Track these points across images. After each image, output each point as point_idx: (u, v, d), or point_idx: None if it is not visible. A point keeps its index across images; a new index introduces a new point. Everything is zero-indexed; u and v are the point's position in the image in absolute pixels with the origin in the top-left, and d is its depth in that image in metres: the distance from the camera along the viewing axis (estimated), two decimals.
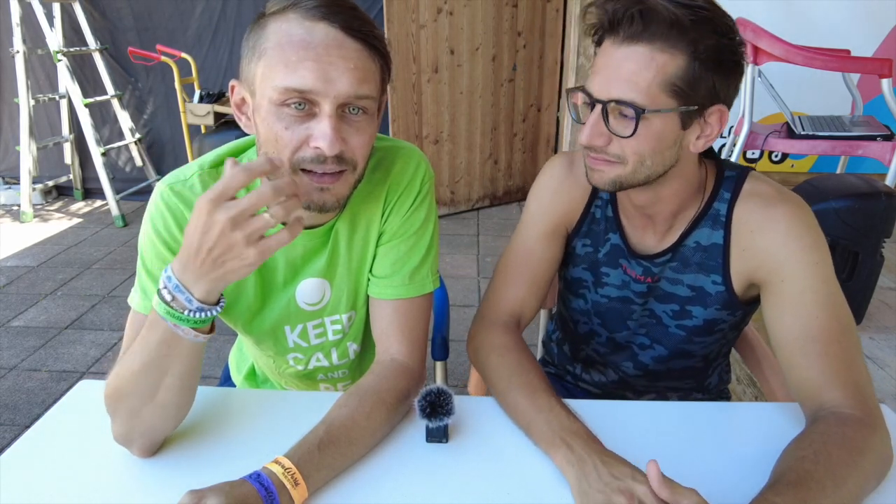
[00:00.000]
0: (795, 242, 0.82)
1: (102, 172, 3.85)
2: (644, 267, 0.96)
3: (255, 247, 0.64)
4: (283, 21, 0.72)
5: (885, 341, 1.95)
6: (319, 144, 0.72)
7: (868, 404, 0.75)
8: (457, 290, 2.95)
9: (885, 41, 3.37)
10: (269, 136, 0.74)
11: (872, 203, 1.90)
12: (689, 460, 0.77)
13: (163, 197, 0.83)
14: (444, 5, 3.50)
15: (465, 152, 3.94)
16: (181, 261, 0.66)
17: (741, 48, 0.78)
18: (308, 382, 1.08)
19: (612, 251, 0.99)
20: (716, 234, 0.90)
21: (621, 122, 0.78)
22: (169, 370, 0.71)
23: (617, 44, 0.76)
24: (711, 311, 0.94)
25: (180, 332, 0.68)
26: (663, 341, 1.01)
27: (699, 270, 0.92)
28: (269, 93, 0.72)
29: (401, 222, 0.90)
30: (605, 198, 0.99)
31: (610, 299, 1.02)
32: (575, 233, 1.02)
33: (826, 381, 0.77)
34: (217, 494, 0.62)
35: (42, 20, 3.65)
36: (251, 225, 0.63)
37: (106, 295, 2.97)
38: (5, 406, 2.13)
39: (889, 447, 0.74)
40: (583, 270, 1.04)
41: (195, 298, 0.67)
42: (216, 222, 0.62)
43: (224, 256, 0.64)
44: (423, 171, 0.91)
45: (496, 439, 0.81)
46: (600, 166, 0.83)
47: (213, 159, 0.86)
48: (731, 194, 0.89)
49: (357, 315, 0.98)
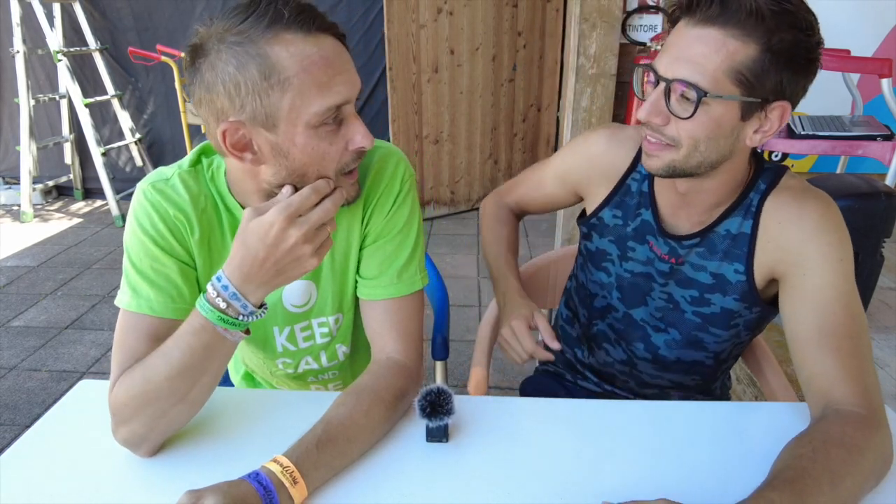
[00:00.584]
0: (822, 237, 0.83)
1: (102, 172, 3.86)
2: (671, 247, 0.97)
3: (317, 255, 0.72)
4: (287, 45, 0.69)
5: (885, 341, 1.95)
6: (364, 144, 0.76)
7: (873, 403, 0.76)
8: (457, 290, 2.95)
9: (885, 41, 3.36)
10: (314, 157, 0.74)
11: (872, 203, 1.90)
12: (689, 460, 0.77)
13: (147, 196, 0.83)
14: (444, 5, 3.50)
15: (465, 152, 3.94)
16: (243, 271, 0.70)
17: (819, 48, 0.77)
18: (299, 384, 1.09)
19: (642, 226, 1.00)
20: (746, 223, 0.90)
21: (682, 103, 0.79)
22: (207, 370, 0.74)
23: (692, 24, 0.76)
24: (730, 300, 0.94)
25: (229, 336, 0.72)
26: (678, 326, 1.01)
27: (724, 258, 0.93)
28: (307, 119, 0.71)
29: (384, 223, 0.90)
30: (644, 172, 0.99)
31: (633, 274, 1.02)
32: (606, 202, 1.03)
33: (836, 377, 0.78)
34: (216, 494, 0.62)
35: (42, 20, 3.65)
36: (318, 237, 0.71)
37: (106, 295, 2.98)
38: (5, 406, 2.13)
39: (890, 448, 0.74)
40: (608, 243, 1.04)
41: (250, 304, 0.71)
42: (290, 236, 0.69)
43: (289, 266, 0.71)
44: (402, 170, 0.91)
45: (496, 439, 0.81)
46: (655, 151, 0.84)
47: (190, 159, 0.87)
48: (766, 186, 0.89)
49: (344, 318, 0.99)
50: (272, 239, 0.68)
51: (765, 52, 0.74)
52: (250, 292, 0.71)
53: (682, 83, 0.76)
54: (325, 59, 0.71)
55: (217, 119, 0.72)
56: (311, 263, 0.72)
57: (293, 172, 0.75)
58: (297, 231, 0.69)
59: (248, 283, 0.70)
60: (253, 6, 0.69)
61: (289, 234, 0.69)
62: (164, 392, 0.73)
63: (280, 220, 0.68)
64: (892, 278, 2.38)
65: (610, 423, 0.83)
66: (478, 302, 2.86)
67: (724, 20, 0.74)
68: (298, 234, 0.69)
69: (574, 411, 0.87)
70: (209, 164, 0.87)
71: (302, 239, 0.69)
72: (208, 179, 0.86)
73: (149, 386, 0.73)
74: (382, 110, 3.73)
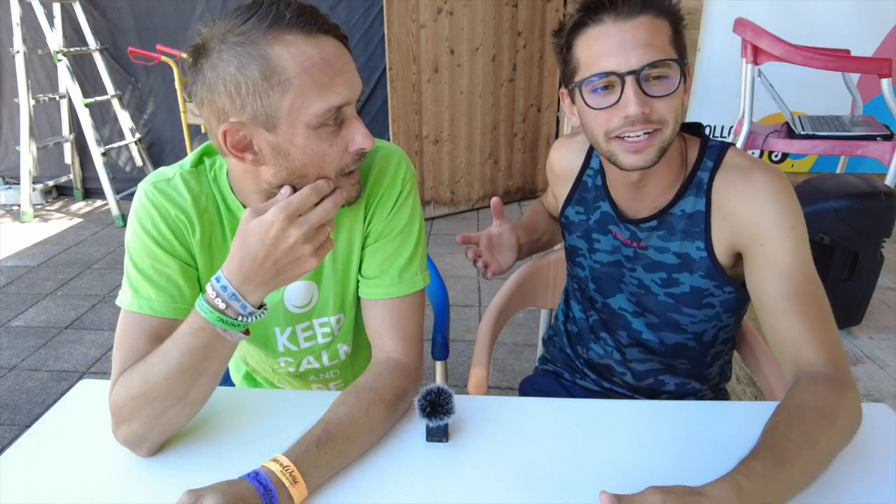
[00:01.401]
0: (773, 207, 0.86)
1: (102, 172, 3.86)
2: (631, 231, 1.01)
3: (317, 256, 0.71)
4: (288, 46, 0.69)
5: (885, 341, 1.95)
6: (364, 145, 0.76)
7: (840, 363, 0.79)
8: (457, 290, 2.95)
9: (885, 41, 3.37)
10: (315, 158, 0.74)
11: (872, 203, 1.90)
12: (689, 460, 0.77)
13: (148, 196, 0.83)
14: (444, 5, 3.50)
15: (465, 152, 3.94)
16: (241, 271, 0.70)
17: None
18: (300, 383, 1.09)
19: (603, 218, 1.06)
20: (699, 201, 0.94)
21: (659, 83, 0.84)
22: (206, 371, 0.74)
23: (620, 20, 0.82)
24: (697, 277, 0.97)
25: (228, 336, 0.72)
26: (654, 310, 1.04)
27: (685, 237, 0.96)
28: (307, 119, 0.71)
29: (385, 223, 0.90)
30: (596, 167, 1.07)
31: (602, 265, 1.08)
32: (568, 201, 1.12)
33: (805, 340, 0.81)
34: (215, 493, 0.62)
35: (42, 20, 3.65)
36: (318, 237, 0.71)
37: (106, 295, 2.98)
38: (5, 406, 2.13)
39: (859, 407, 0.77)
40: (577, 238, 1.11)
41: (249, 304, 0.71)
42: (290, 236, 0.68)
43: (288, 266, 0.70)
44: (403, 169, 0.91)
45: (496, 439, 0.81)
46: (644, 144, 0.85)
47: (192, 159, 0.87)
48: (713, 163, 0.93)
49: (346, 318, 0.99)
50: (272, 238, 0.68)
51: (675, 21, 0.85)
52: (249, 293, 0.71)
53: (655, 64, 0.82)
54: (326, 61, 0.71)
55: (218, 119, 0.72)
56: (310, 264, 0.71)
57: (293, 173, 0.75)
58: (297, 230, 0.69)
59: (247, 284, 0.70)
60: (255, 7, 0.69)
61: (289, 233, 0.68)
62: (163, 392, 0.73)
63: (280, 220, 0.68)
64: (892, 278, 2.38)
65: (609, 423, 0.83)
66: (478, 302, 2.86)
67: (645, 7, 0.82)
68: (298, 233, 0.69)
69: (573, 411, 0.87)
70: (211, 164, 0.87)
71: (302, 238, 0.69)
72: (211, 180, 0.86)
73: (147, 386, 0.73)
74: (382, 110, 3.73)
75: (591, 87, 0.85)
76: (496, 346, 1.30)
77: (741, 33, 2.46)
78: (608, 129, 0.86)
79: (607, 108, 0.85)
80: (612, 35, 0.82)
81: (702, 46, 3.52)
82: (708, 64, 3.53)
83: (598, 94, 0.85)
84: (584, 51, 0.86)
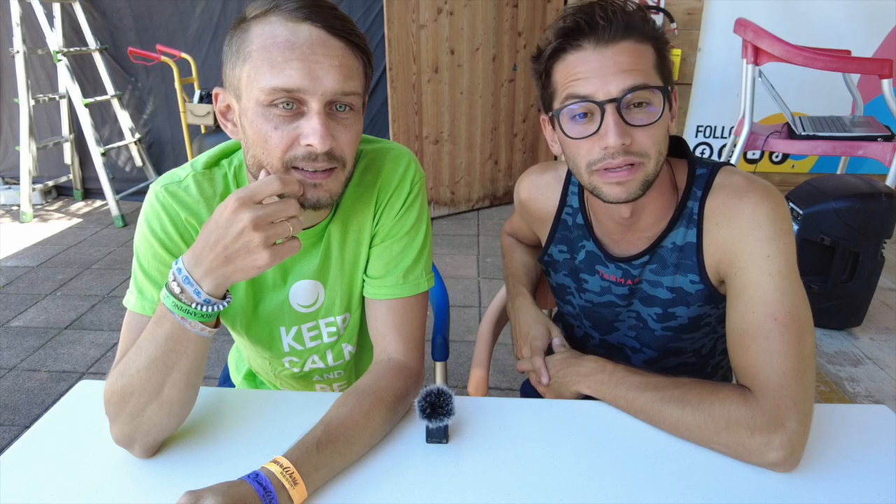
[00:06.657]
0: (752, 234, 0.82)
1: (102, 172, 3.85)
2: (623, 270, 0.97)
3: (270, 250, 0.68)
4: (265, 24, 0.72)
5: (885, 342, 1.95)
6: (311, 141, 0.72)
7: (774, 405, 0.74)
8: (457, 291, 2.95)
9: (885, 41, 3.37)
10: (258, 137, 0.74)
11: (873, 203, 1.90)
12: (689, 460, 0.77)
13: (158, 198, 0.83)
14: (445, 5, 3.50)
15: (466, 152, 3.94)
16: (194, 253, 0.69)
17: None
18: (304, 383, 1.09)
19: (588, 258, 1.01)
20: (690, 232, 0.90)
21: (641, 111, 0.80)
22: (175, 366, 0.72)
23: (601, 46, 0.79)
24: (695, 308, 0.94)
25: (188, 326, 0.70)
26: (652, 345, 1.01)
27: (676, 271, 0.92)
28: (256, 94, 0.72)
29: (392, 223, 0.90)
30: (575, 206, 1.01)
31: (594, 304, 1.04)
32: (550, 240, 1.06)
33: (745, 375, 0.80)
34: (215, 494, 0.62)
35: (42, 20, 3.65)
36: (272, 229, 0.67)
37: (106, 295, 2.97)
38: (5, 406, 2.13)
39: (782, 447, 0.71)
40: (564, 277, 1.06)
41: (203, 291, 0.69)
42: (240, 220, 0.66)
43: (238, 254, 0.67)
44: (412, 171, 0.91)
45: (496, 439, 0.81)
46: (626, 176, 0.81)
47: (205, 160, 0.87)
48: (702, 191, 0.89)
49: (352, 317, 0.98)
50: (224, 220, 0.67)
51: (659, 45, 0.82)
52: (200, 277, 0.69)
53: (637, 89, 0.78)
54: (289, 42, 0.71)
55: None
56: (261, 257, 0.67)
57: (247, 151, 0.78)
58: (249, 214, 0.66)
59: (198, 267, 0.69)
60: None
61: (240, 216, 0.66)
62: (137, 386, 0.73)
63: (233, 200, 0.67)
64: (892, 279, 2.38)
65: (609, 424, 0.83)
66: (478, 302, 2.86)
67: (627, 32, 0.79)
68: (248, 217, 0.66)
69: (573, 412, 0.87)
70: (229, 163, 0.87)
71: (251, 224, 0.65)
72: (230, 179, 0.86)
73: (124, 379, 0.73)
74: (382, 110, 3.73)
75: (569, 114, 0.82)
76: (496, 346, 1.30)
77: (742, 34, 2.47)
78: (590, 160, 0.82)
79: (587, 137, 0.81)
80: (592, 61, 0.78)
81: (702, 46, 3.52)
82: (708, 64, 3.53)
83: (578, 123, 0.81)
84: (562, 77, 0.81)
